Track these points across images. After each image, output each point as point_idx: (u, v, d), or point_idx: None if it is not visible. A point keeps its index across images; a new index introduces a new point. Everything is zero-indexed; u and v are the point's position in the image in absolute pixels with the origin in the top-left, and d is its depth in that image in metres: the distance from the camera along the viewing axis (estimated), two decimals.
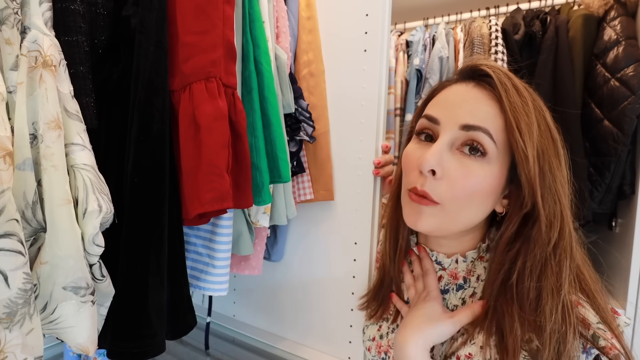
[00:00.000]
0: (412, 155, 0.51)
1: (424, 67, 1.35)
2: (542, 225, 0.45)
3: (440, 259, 0.56)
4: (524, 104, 0.46)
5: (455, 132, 0.47)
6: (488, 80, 0.48)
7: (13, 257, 0.37)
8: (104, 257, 0.48)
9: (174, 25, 0.56)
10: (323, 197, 0.86)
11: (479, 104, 0.47)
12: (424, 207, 0.48)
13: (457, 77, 0.53)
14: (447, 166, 0.46)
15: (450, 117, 0.48)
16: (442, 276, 0.56)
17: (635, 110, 0.93)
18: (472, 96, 0.48)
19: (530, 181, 0.44)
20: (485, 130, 0.46)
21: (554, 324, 0.42)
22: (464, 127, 0.46)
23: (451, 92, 0.51)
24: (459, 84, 0.51)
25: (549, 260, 0.45)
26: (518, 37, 1.16)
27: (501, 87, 0.46)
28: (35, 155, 0.42)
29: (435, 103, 0.52)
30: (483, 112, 0.47)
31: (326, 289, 0.88)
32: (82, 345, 0.46)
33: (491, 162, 0.46)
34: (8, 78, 0.41)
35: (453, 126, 0.47)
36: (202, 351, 0.98)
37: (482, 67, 0.49)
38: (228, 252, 0.71)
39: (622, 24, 1.00)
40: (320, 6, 0.85)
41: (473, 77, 0.51)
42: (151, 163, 0.52)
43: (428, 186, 0.47)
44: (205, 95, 0.56)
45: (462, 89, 0.50)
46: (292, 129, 0.80)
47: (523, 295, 0.45)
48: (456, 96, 0.50)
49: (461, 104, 0.48)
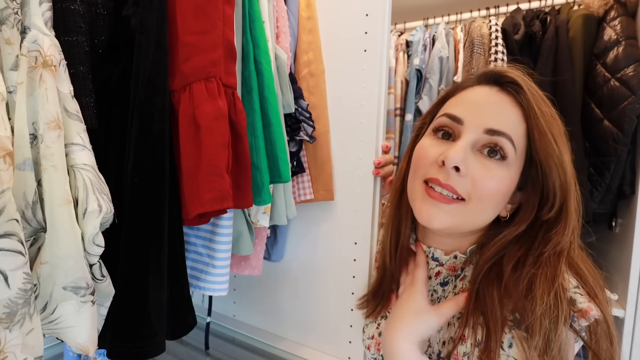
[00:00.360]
0: (430, 150, 0.50)
1: (424, 67, 1.35)
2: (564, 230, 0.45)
3: (437, 255, 0.56)
4: (551, 114, 0.48)
5: (479, 135, 0.48)
6: (514, 87, 0.49)
7: (13, 257, 0.37)
8: (104, 257, 0.48)
9: (174, 25, 0.56)
10: (323, 197, 0.86)
11: (505, 109, 0.48)
12: (442, 204, 0.48)
13: (478, 80, 0.53)
14: (470, 165, 0.47)
15: (475, 119, 0.48)
16: (440, 272, 0.57)
17: (635, 110, 0.93)
18: (497, 100, 0.49)
19: (565, 191, 0.46)
20: (509, 136, 0.46)
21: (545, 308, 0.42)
22: (489, 131, 0.47)
23: (475, 93, 0.51)
24: (482, 87, 0.51)
25: (551, 255, 0.45)
26: (518, 37, 1.16)
27: (530, 95, 0.47)
28: (35, 155, 0.42)
29: (457, 102, 0.52)
30: (508, 118, 0.47)
31: (326, 289, 0.88)
32: (82, 345, 0.46)
33: (510, 166, 0.47)
34: (8, 78, 0.41)
35: (477, 128, 0.48)
36: (202, 351, 0.98)
37: (508, 73, 0.50)
38: (228, 252, 0.71)
39: (622, 24, 1.00)
40: (320, 6, 0.85)
41: (497, 82, 0.51)
42: (151, 163, 0.52)
43: (453, 180, 0.47)
44: (205, 95, 0.56)
45: (486, 91, 0.50)
46: (292, 129, 0.80)
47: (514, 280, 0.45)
48: (481, 97, 0.50)
49: (486, 106, 0.49)
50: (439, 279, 0.57)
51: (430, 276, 0.57)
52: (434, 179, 0.48)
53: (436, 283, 0.57)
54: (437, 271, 0.57)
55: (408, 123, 1.39)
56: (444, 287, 0.56)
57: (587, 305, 0.42)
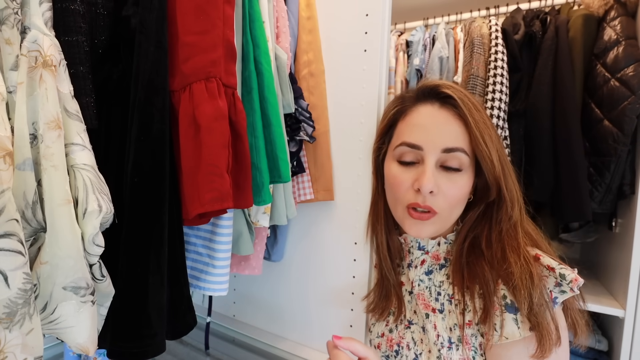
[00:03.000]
0: (401, 177, 0.59)
1: (424, 67, 1.35)
2: (507, 208, 0.57)
3: (424, 244, 0.64)
4: (481, 117, 0.56)
5: (438, 155, 0.56)
6: (451, 102, 0.57)
7: (13, 257, 0.37)
8: (104, 257, 0.48)
9: (174, 25, 0.56)
10: (323, 197, 0.86)
11: (451, 126, 0.57)
12: (425, 222, 0.58)
13: (417, 98, 0.61)
14: (439, 184, 0.56)
15: (431, 142, 0.57)
16: (425, 260, 0.64)
17: (635, 110, 0.92)
18: (442, 118, 0.57)
19: (498, 179, 0.56)
20: (462, 149, 0.56)
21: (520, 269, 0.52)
22: (446, 150, 0.56)
23: (421, 115, 0.59)
24: (424, 105, 0.59)
25: (509, 229, 0.57)
26: (518, 37, 1.16)
27: (465, 107, 0.56)
28: (35, 155, 0.42)
29: (409, 128, 0.60)
30: (456, 133, 0.56)
31: (326, 289, 0.88)
32: (82, 345, 0.46)
33: (466, 171, 0.57)
34: (8, 78, 0.41)
35: (435, 150, 0.56)
36: (202, 351, 0.98)
37: (443, 89, 0.58)
38: (228, 252, 0.71)
39: (622, 24, 1.00)
40: (320, 6, 0.85)
41: (435, 97, 0.59)
42: (151, 163, 0.52)
43: (429, 201, 0.57)
44: (205, 95, 0.56)
45: (429, 111, 0.58)
46: (292, 129, 0.80)
47: (492, 255, 0.56)
48: (429, 119, 0.58)
49: (436, 128, 0.57)
50: (423, 267, 0.64)
51: (416, 265, 0.64)
52: (414, 203, 0.58)
53: (421, 272, 0.64)
54: (422, 259, 0.64)
55: None
56: (429, 276, 0.63)
57: (574, 275, 0.51)
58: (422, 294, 0.62)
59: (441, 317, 0.59)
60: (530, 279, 0.51)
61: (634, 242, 0.90)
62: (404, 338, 0.64)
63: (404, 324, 0.65)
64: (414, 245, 0.65)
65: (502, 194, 0.57)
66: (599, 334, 1.04)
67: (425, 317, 0.61)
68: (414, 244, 0.65)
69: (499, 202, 0.58)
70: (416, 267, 0.64)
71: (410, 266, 0.65)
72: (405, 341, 0.64)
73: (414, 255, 0.65)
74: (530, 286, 0.51)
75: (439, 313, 0.60)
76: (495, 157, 0.56)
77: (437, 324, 0.59)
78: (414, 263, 0.65)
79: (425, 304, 0.61)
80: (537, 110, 1.07)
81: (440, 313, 0.59)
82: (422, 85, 0.62)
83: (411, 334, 0.63)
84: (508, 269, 0.53)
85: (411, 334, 0.63)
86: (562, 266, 0.52)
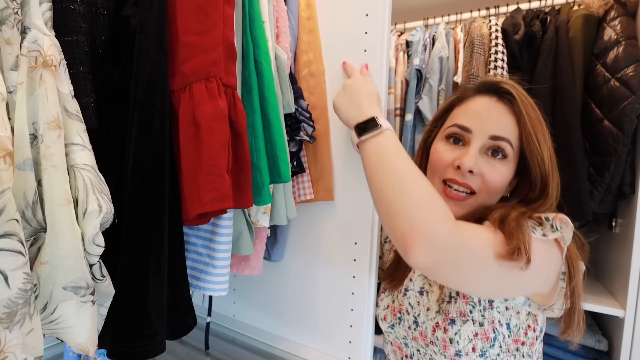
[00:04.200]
0: (445, 154, 0.63)
1: (424, 67, 1.35)
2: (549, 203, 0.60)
3: None
4: (537, 115, 0.60)
5: (485, 140, 0.61)
6: (508, 97, 0.61)
7: (13, 257, 0.37)
8: (104, 257, 0.48)
9: (174, 25, 0.56)
10: (323, 197, 0.86)
11: (503, 118, 0.61)
12: (458, 202, 0.61)
13: (478, 90, 0.65)
14: (480, 166, 0.60)
15: (481, 128, 0.61)
16: None
17: (635, 110, 0.92)
18: (496, 110, 0.61)
19: (546, 177, 0.59)
20: (508, 140, 0.60)
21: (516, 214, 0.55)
22: (493, 137, 0.60)
23: (478, 104, 0.64)
24: (482, 97, 0.64)
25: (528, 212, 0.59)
26: (518, 37, 1.16)
27: (522, 104, 0.60)
28: (35, 155, 0.42)
29: (464, 113, 0.64)
30: (506, 125, 0.60)
31: (326, 289, 0.88)
32: (82, 345, 0.46)
33: (509, 162, 0.61)
34: (8, 78, 0.41)
35: (483, 135, 0.61)
36: (202, 351, 0.98)
37: (504, 85, 0.62)
38: (228, 252, 0.71)
39: (622, 24, 1.00)
40: (320, 6, 0.85)
41: (494, 92, 0.63)
42: (151, 163, 0.52)
43: (468, 179, 0.60)
44: (206, 95, 0.56)
45: (486, 102, 0.63)
46: (292, 129, 0.80)
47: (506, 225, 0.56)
48: (483, 108, 0.62)
49: (488, 116, 0.61)
50: None
51: None
52: (452, 179, 0.61)
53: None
54: None
55: (408, 123, 1.39)
56: None
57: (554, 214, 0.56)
58: None
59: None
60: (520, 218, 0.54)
61: (634, 242, 0.90)
62: (403, 305, 0.70)
63: (402, 292, 0.72)
64: None
65: (547, 191, 0.60)
66: (599, 334, 1.04)
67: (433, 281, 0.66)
68: None
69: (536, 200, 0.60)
70: None
71: None
72: (404, 307, 0.70)
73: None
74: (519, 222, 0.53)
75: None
76: (547, 155, 0.59)
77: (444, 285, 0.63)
78: None
79: None
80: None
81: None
82: (485, 79, 0.67)
83: (407, 299, 0.70)
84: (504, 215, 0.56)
85: (408, 300, 0.70)
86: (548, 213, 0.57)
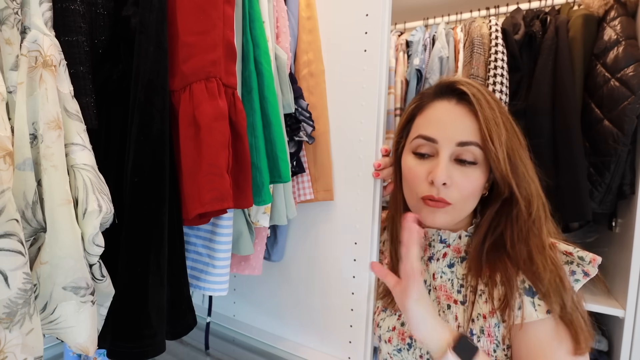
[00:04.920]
0: (416, 170, 0.62)
1: (424, 67, 1.35)
2: (521, 207, 0.57)
3: (445, 237, 0.66)
4: (493, 114, 0.57)
5: (452, 148, 0.58)
6: (466, 98, 0.59)
7: (13, 257, 0.37)
8: (104, 257, 0.48)
9: (174, 25, 0.56)
10: (323, 197, 0.86)
11: (466, 121, 0.58)
12: (439, 209, 0.60)
13: (435, 94, 0.63)
14: (453, 177, 0.58)
15: (446, 136, 0.59)
16: (447, 253, 0.66)
17: (635, 110, 0.93)
18: (458, 114, 0.59)
19: (505, 178, 0.56)
20: (475, 143, 0.57)
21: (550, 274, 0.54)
22: (460, 143, 0.58)
23: (438, 110, 0.61)
24: (442, 102, 0.61)
25: (531, 228, 0.57)
26: (518, 37, 1.16)
27: (477, 103, 0.57)
28: (35, 155, 0.42)
29: (426, 122, 0.62)
30: (470, 127, 0.58)
31: (326, 289, 0.88)
32: (82, 345, 0.46)
33: (480, 165, 0.59)
34: (8, 78, 0.41)
35: (450, 144, 0.58)
36: (202, 351, 0.98)
37: (459, 85, 0.60)
38: (228, 252, 0.71)
39: (622, 24, 1.00)
40: (320, 6, 0.85)
41: (452, 93, 0.61)
42: (151, 163, 0.52)
43: (442, 193, 0.59)
44: (206, 95, 0.56)
45: (446, 106, 0.61)
46: (292, 129, 0.80)
47: (517, 255, 0.57)
48: (445, 114, 0.60)
49: (452, 122, 0.59)
50: (445, 260, 0.65)
51: (438, 258, 0.66)
52: (428, 196, 0.60)
53: (444, 265, 0.65)
54: (443, 253, 0.66)
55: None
56: (452, 269, 0.64)
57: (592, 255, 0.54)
58: (444, 286, 0.64)
59: (463, 308, 0.61)
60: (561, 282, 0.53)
61: (634, 242, 0.90)
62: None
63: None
64: (435, 239, 0.67)
65: (513, 192, 0.57)
66: (599, 334, 1.04)
67: (446, 308, 0.62)
68: (436, 237, 0.66)
69: (511, 200, 0.58)
70: (438, 259, 0.66)
71: (431, 259, 0.67)
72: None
73: (435, 249, 0.67)
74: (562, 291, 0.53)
75: (460, 304, 0.61)
76: (502, 155, 0.56)
77: (458, 315, 0.61)
78: (436, 256, 0.66)
79: (447, 295, 0.63)
80: (537, 110, 1.07)
81: (462, 304, 0.61)
82: (440, 81, 0.64)
83: None
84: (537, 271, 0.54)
85: None
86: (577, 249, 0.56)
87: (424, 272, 0.67)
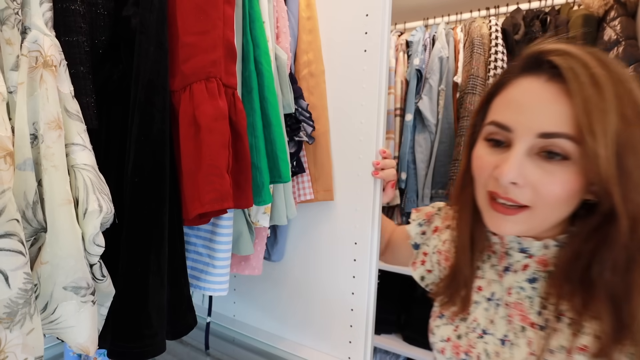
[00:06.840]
0: (485, 160, 0.49)
1: (424, 67, 1.36)
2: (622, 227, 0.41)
3: (526, 246, 0.52)
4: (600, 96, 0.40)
5: (532, 140, 0.44)
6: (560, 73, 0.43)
7: (13, 257, 0.37)
8: (104, 257, 0.48)
9: (174, 25, 0.56)
10: (323, 197, 0.86)
11: (554, 105, 0.42)
12: (508, 216, 0.46)
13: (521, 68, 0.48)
14: (528, 174, 0.44)
15: (525, 124, 0.44)
16: (528, 265, 0.52)
17: None
18: (545, 97, 0.43)
19: (605, 183, 0.41)
20: (567, 135, 0.42)
21: None
22: (543, 134, 0.43)
23: (520, 90, 0.46)
24: (528, 79, 0.46)
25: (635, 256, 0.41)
26: (518, 37, 1.16)
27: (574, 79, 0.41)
28: (35, 156, 0.42)
29: (502, 105, 0.48)
30: (560, 115, 0.42)
31: (326, 289, 0.88)
32: (82, 345, 0.46)
33: (575, 163, 0.42)
34: (8, 78, 0.41)
35: (529, 134, 0.44)
36: (202, 351, 0.98)
37: (549, 55, 0.44)
38: (228, 252, 0.71)
39: (622, 24, 1.00)
40: (320, 6, 0.85)
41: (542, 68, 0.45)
42: (151, 163, 0.52)
43: (512, 193, 0.45)
44: (206, 95, 0.56)
45: (532, 85, 0.45)
46: (292, 129, 0.80)
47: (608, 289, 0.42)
48: (527, 96, 0.45)
49: (534, 107, 0.44)
50: (526, 273, 0.52)
51: (516, 270, 0.53)
52: (494, 192, 0.47)
53: (523, 279, 0.52)
54: (523, 264, 0.52)
55: (408, 123, 1.39)
56: (533, 285, 0.51)
57: None
58: (520, 304, 0.51)
59: (541, 334, 0.48)
60: None
61: None
62: (475, 348, 0.54)
63: (477, 332, 0.55)
64: (513, 247, 0.53)
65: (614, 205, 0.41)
66: None
67: (520, 330, 0.51)
68: (514, 244, 0.53)
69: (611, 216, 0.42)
70: (516, 272, 0.53)
71: (507, 270, 0.54)
72: (475, 351, 0.54)
73: (513, 258, 0.54)
74: None
75: (538, 329, 0.49)
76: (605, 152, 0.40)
77: (533, 341, 0.49)
78: (513, 267, 0.53)
79: (522, 315, 0.51)
80: None
81: (541, 330, 0.49)
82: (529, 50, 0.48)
83: (484, 344, 0.53)
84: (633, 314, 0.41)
85: (484, 345, 0.53)
86: None
87: (496, 283, 0.55)
